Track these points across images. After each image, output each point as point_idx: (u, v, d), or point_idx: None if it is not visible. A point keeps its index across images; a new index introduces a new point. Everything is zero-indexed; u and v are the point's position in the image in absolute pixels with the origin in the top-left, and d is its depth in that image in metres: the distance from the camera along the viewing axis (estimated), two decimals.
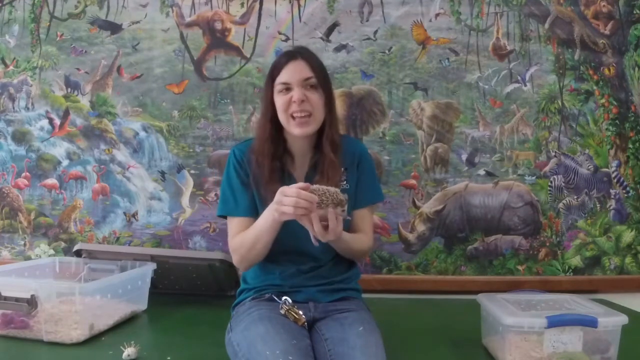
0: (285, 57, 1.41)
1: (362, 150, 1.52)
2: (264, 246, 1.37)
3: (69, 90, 2.10)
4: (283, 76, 1.39)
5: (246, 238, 1.38)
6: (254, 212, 1.43)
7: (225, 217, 1.48)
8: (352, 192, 1.45)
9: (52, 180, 2.09)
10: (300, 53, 1.42)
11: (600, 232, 2.08)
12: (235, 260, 1.45)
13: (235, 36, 2.09)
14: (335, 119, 1.46)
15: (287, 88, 1.38)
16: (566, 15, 2.08)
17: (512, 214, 2.08)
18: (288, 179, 1.42)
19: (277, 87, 1.40)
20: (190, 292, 1.95)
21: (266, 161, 1.40)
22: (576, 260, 2.08)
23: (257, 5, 2.08)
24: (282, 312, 1.33)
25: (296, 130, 1.38)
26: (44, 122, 2.10)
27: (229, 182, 1.46)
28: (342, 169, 1.43)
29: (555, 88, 2.09)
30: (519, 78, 2.09)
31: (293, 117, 1.38)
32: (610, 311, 1.33)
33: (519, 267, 2.07)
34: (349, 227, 1.43)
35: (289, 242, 1.38)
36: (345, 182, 1.44)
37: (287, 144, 1.45)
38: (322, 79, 1.41)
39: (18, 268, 1.71)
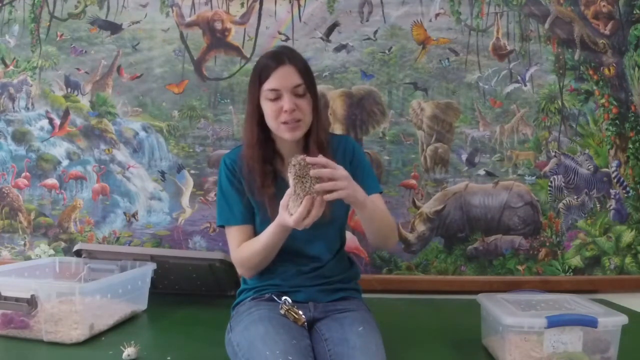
0: (274, 62, 1.37)
1: (353, 145, 1.51)
2: (275, 255, 1.38)
3: (69, 90, 2.10)
4: (272, 82, 1.35)
5: (256, 250, 1.37)
6: (251, 219, 1.44)
7: (223, 227, 1.48)
8: None
9: (52, 180, 2.09)
10: (288, 57, 1.38)
11: (600, 232, 2.08)
12: (242, 271, 1.45)
13: (235, 36, 2.09)
14: (321, 120, 1.45)
15: (277, 95, 1.35)
16: (566, 15, 2.08)
17: (512, 214, 2.08)
18: (281, 182, 1.41)
19: (266, 92, 1.36)
20: (190, 292, 1.95)
21: (257, 165, 1.39)
22: (576, 260, 2.08)
23: (257, 5, 2.08)
24: (282, 312, 1.33)
25: (287, 135, 1.37)
26: (44, 122, 2.10)
27: (222, 191, 1.46)
28: None
29: (555, 88, 2.09)
30: (519, 78, 2.09)
31: (283, 123, 1.36)
32: (610, 311, 1.33)
33: (519, 267, 2.07)
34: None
35: (289, 243, 1.38)
36: None
37: (275, 145, 1.44)
38: (309, 84, 1.39)
39: (18, 268, 1.70)
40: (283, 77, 1.35)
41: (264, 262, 1.40)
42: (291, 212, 1.22)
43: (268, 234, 1.34)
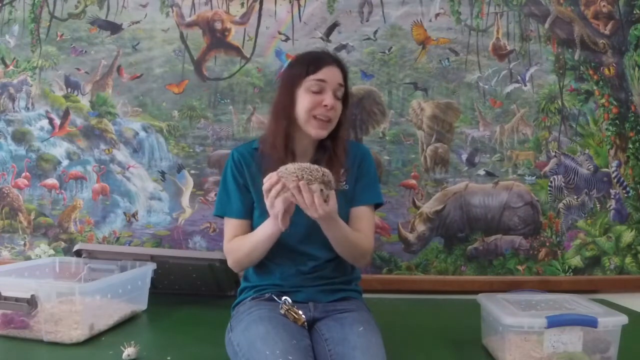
0: (326, 59, 1.41)
1: (364, 152, 1.53)
2: (260, 254, 1.39)
3: (69, 90, 2.10)
4: (322, 74, 1.39)
5: (243, 244, 1.40)
6: (249, 215, 1.45)
7: (222, 217, 1.49)
8: (350, 191, 1.45)
9: (52, 180, 2.09)
10: (337, 61, 1.44)
11: (600, 232, 2.08)
12: (229, 262, 1.46)
13: (235, 36, 2.09)
14: (347, 129, 1.50)
15: (321, 87, 1.38)
16: (566, 15, 2.08)
17: (512, 214, 2.08)
18: None
19: (311, 83, 1.38)
20: (190, 292, 1.95)
21: (277, 154, 1.39)
22: (576, 260, 2.08)
23: (257, 5, 2.08)
24: (282, 312, 1.33)
25: (314, 132, 1.40)
26: (44, 122, 2.10)
27: (224, 183, 1.48)
28: (342, 169, 1.44)
29: (555, 88, 2.09)
30: (519, 78, 2.09)
31: (314, 117, 1.39)
32: (610, 311, 1.33)
33: (519, 267, 2.07)
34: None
35: (287, 241, 1.38)
36: (344, 183, 1.44)
37: (292, 142, 1.44)
38: (347, 92, 1.45)
39: (18, 268, 1.70)
40: (332, 74, 1.40)
41: (248, 258, 1.40)
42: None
43: (259, 228, 1.36)
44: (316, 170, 1.23)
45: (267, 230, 1.34)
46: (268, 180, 1.24)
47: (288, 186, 1.22)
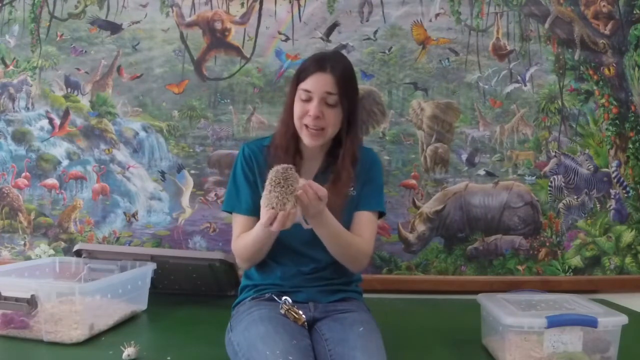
0: (315, 66, 1.39)
1: (373, 159, 1.53)
2: (266, 251, 1.39)
3: (69, 90, 2.10)
4: (307, 83, 1.38)
5: (248, 242, 1.39)
6: (257, 212, 1.43)
7: (230, 213, 1.50)
8: (357, 197, 1.46)
9: (52, 180, 2.09)
10: (331, 65, 1.38)
11: (600, 232, 2.08)
12: (238, 261, 1.48)
13: (235, 36, 2.09)
14: (357, 133, 1.47)
15: (308, 97, 1.37)
16: (566, 15, 2.08)
17: (512, 214, 2.08)
18: None
19: (300, 92, 1.39)
20: (190, 292, 1.95)
21: (279, 154, 1.41)
22: (576, 260, 2.08)
23: (257, 5, 2.08)
24: (282, 311, 1.33)
25: (306, 140, 1.40)
26: (44, 122, 2.10)
27: (234, 179, 1.48)
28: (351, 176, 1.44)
29: (555, 88, 2.09)
30: (519, 78, 2.09)
31: (306, 126, 1.39)
32: (610, 311, 1.34)
33: (519, 267, 2.07)
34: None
35: (289, 243, 1.39)
36: (352, 189, 1.45)
37: (299, 144, 1.45)
38: (345, 95, 1.39)
39: (18, 268, 1.70)
40: (318, 83, 1.37)
41: (256, 255, 1.40)
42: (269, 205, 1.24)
43: (260, 228, 1.34)
44: (289, 173, 1.23)
45: (267, 231, 1.33)
46: (276, 222, 1.21)
47: (286, 207, 1.21)
